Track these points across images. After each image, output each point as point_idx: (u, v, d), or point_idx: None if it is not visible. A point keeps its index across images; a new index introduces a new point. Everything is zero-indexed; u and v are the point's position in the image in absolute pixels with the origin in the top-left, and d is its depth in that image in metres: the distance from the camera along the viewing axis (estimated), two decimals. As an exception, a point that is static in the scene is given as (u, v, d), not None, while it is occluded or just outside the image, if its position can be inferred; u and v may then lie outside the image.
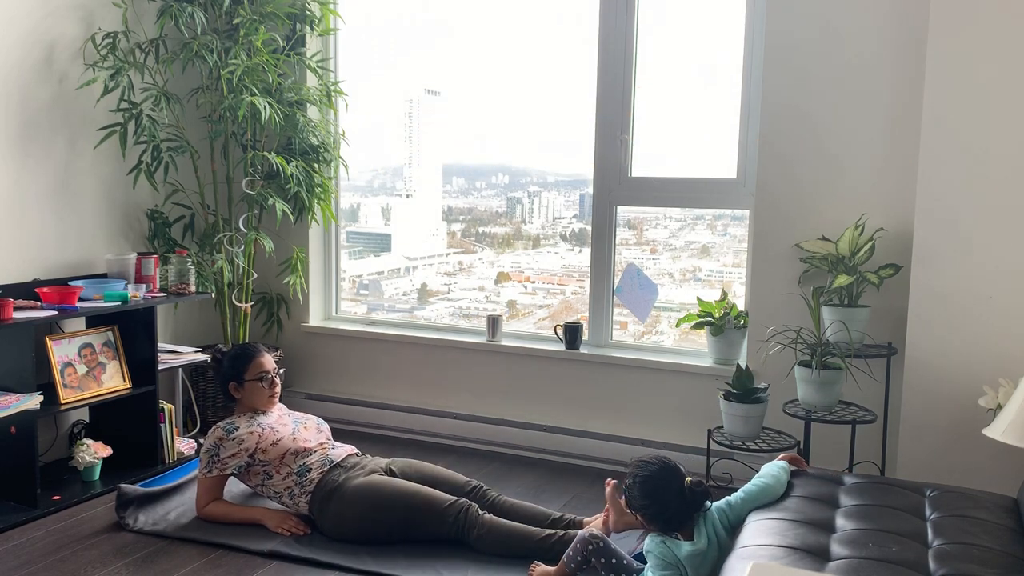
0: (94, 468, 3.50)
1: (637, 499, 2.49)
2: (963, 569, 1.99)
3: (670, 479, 2.47)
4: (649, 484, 2.47)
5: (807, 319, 3.27)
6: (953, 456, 2.97)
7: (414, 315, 4.61)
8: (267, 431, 3.17)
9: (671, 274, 4.09)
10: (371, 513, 2.98)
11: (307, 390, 4.51)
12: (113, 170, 3.93)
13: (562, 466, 3.89)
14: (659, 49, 3.86)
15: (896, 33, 3.22)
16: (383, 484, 3.02)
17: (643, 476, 2.48)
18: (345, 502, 3.00)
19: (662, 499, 2.45)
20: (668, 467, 2.50)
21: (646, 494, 2.47)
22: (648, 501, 2.47)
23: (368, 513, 2.98)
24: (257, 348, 3.37)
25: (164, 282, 3.82)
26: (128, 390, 3.62)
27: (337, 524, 3.01)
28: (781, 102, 3.38)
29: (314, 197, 4.13)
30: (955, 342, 2.97)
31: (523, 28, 4.16)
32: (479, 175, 4.61)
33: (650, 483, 2.47)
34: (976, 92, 2.89)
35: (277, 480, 3.13)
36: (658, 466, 2.50)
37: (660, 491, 2.45)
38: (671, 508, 2.45)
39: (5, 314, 3.13)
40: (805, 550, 2.09)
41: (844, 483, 2.57)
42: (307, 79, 4.23)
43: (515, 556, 2.87)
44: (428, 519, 2.95)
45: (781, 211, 3.42)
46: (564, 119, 4.14)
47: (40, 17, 3.57)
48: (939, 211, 2.97)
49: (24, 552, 2.93)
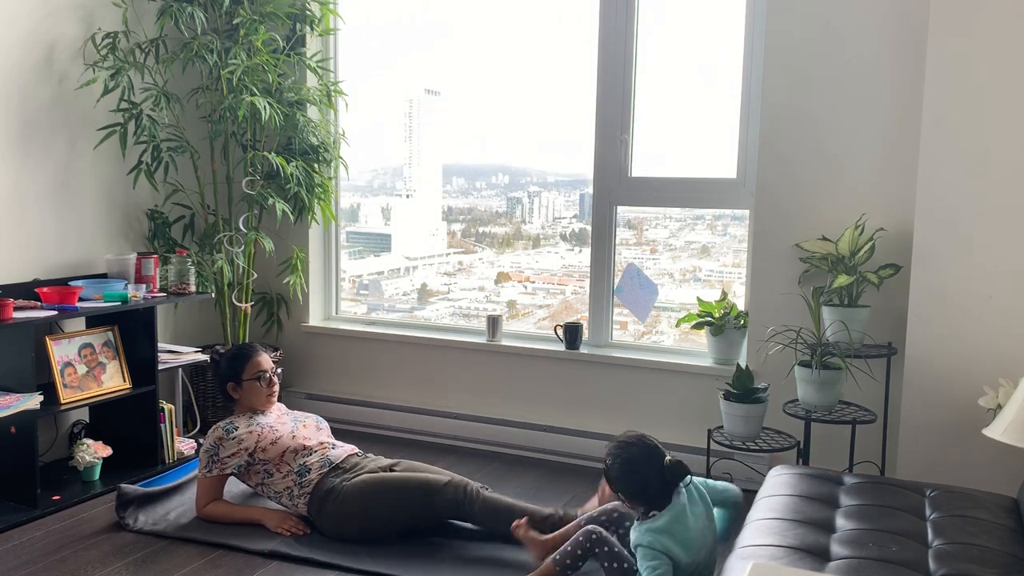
0: (94, 468, 3.50)
1: (618, 478, 2.51)
2: (963, 569, 1.99)
3: (650, 456, 2.50)
4: (629, 462, 2.50)
5: (807, 319, 3.27)
6: (953, 456, 2.97)
7: (414, 315, 4.61)
8: (266, 430, 3.17)
9: (671, 274, 4.09)
10: (370, 507, 2.99)
11: (307, 390, 4.51)
12: (113, 170, 3.93)
13: (562, 466, 3.89)
14: (659, 49, 3.86)
15: (896, 33, 3.22)
16: (378, 479, 3.05)
17: (623, 455, 2.51)
18: (343, 501, 3.01)
19: (642, 476, 2.48)
20: (647, 445, 2.53)
21: (626, 472, 2.49)
22: (629, 479, 2.49)
23: (367, 507, 2.99)
24: (254, 348, 3.37)
25: (164, 282, 3.82)
26: (128, 390, 3.62)
27: (336, 524, 3.01)
28: (781, 102, 3.38)
29: (314, 197, 4.14)
30: (955, 342, 2.97)
31: (523, 28, 4.16)
32: (479, 175, 4.61)
33: (630, 461, 2.50)
34: (976, 92, 2.89)
35: (277, 479, 3.13)
36: (637, 445, 2.53)
37: (640, 468, 2.48)
38: (651, 486, 2.48)
39: (5, 314, 3.13)
40: (805, 550, 2.09)
41: (844, 483, 2.57)
42: (307, 79, 4.23)
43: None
44: (427, 499, 2.97)
45: (781, 211, 3.42)
46: (564, 119, 4.14)
47: (40, 17, 3.57)
48: (939, 211, 2.97)
49: (24, 552, 2.93)
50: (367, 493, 3.00)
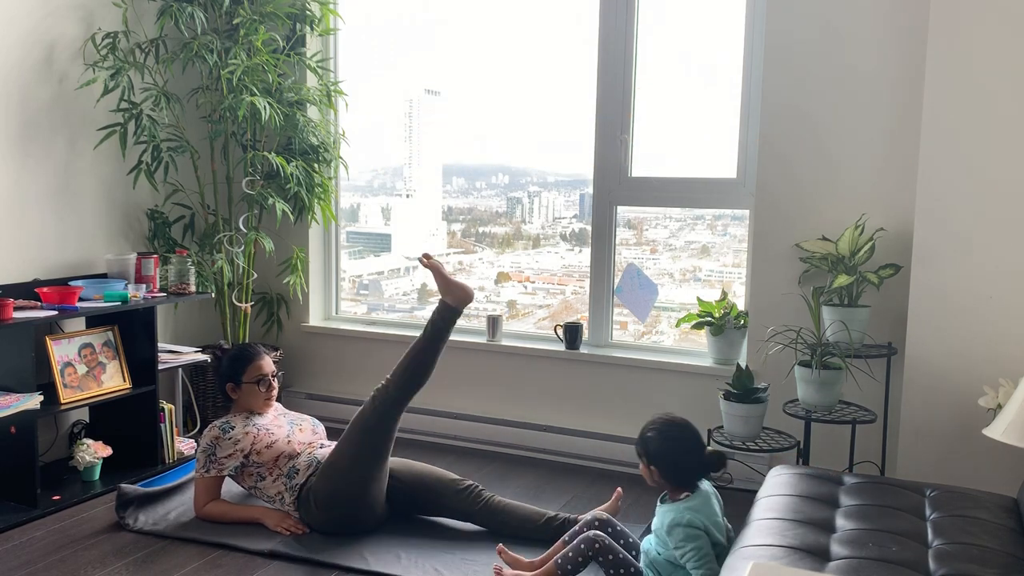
0: (94, 468, 3.50)
1: (656, 452, 2.53)
2: (963, 569, 1.99)
3: (690, 436, 2.54)
4: (671, 439, 2.53)
5: (807, 319, 3.27)
6: (953, 456, 2.97)
7: (414, 315, 4.61)
8: (263, 432, 3.16)
9: (671, 274, 4.09)
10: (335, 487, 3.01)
11: (307, 390, 4.51)
12: (113, 170, 3.93)
13: (562, 466, 3.89)
14: (659, 49, 3.86)
15: (896, 33, 3.22)
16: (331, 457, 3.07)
17: (666, 431, 2.55)
18: (315, 493, 3.03)
19: (679, 452, 2.51)
20: (690, 426, 2.58)
21: (665, 444, 2.52)
22: (665, 451, 2.51)
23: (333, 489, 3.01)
24: (257, 350, 3.35)
25: (164, 282, 3.82)
26: (128, 390, 3.62)
27: (321, 520, 3.03)
28: (781, 102, 3.38)
29: (314, 197, 4.14)
30: (955, 342, 2.97)
31: (523, 28, 4.16)
32: (479, 175, 4.61)
33: (672, 439, 2.53)
34: (976, 92, 2.89)
35: (268, 483, 3.14)
36: (680, 425, 2.57)
37: (679, 444, 2.52)
38: (686, 464, 2.51)
39: (5, 314, 3.13)
40: (805, 550, 2.09)
41: (844, 483, 2.57)
42: (307, 79, 4.23)
43: (515, 536, 2.91)
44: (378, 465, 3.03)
45: (781, 211, 3.42)
46: (564, 119, 4.14)
47: (40, 17, 3.57)
48: (939, 211, 2.97)
49: (24, 552, 2.93)
50: (328, 475, 3.03)
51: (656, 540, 2.52)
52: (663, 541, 2.47)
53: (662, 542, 2.48)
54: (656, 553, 2.51)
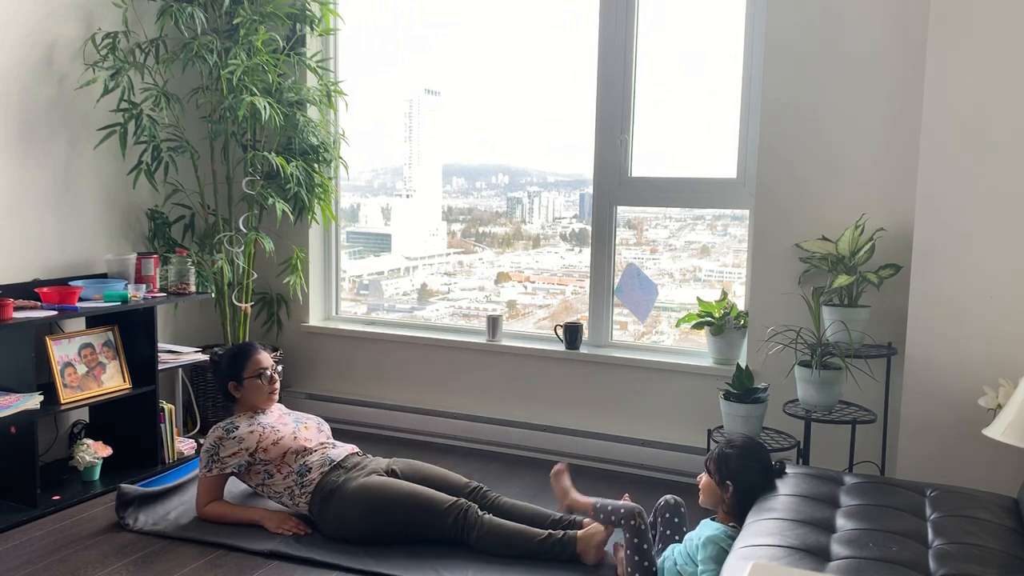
0: (94, 468, 3.50)
1: (736, 467, 2.54)
2: (963, 569, 1.99)
3: (767, 458, 2.59)
4: (754, 455, 2.56)
5: (807, 319, 3.27)
6: (953, 456, 2.97)
7: (414, 315, 4.61)
8: (267, 430, 3.17)
9: (671, 274, 4.09)
10: (370, 514, 2.97)
11: (307, 390, 4.51)
12: (113, 170, 3.93)
13: (562, 466, 3.89)
14: (659, 49, 3.86)
15: (896, 33, 3.22)
16: (382, 485, 3.02)
17: (747, 446, 2.59)
18: (345, 503, 3.00)
19: (757, 474, 2.54)
20: (760, 444, 2.64)
21: (747, 463, 2.54)
22: (746, 470, 2.53)
23: (368, 514, 2.98)
24: (254, 346, 3.37)
25: (164, 282, 3.82)
26: (128, 390, 3.62)
27: (337, 525, 3.01)
28: (781, 102, 3.38)
29: (314, 197, 4.14)
30: (955, 342, 2.96)
31: (523, 28, 4.16)
32: (479, 175, 4.61)
33: (755, 455, 2.56)
34: (976, 91, 2.89)
35: (277, 480, 3.13)
36: (760, 444, 2.65)
37: (762, 465, 2.55)
38: (761, 485, 2.52)
39: (5, 314, 3.13)
40: (805, 550, 2.09)
41: (844, 483, 2.57)
42: (307, 79, 4.23)
43: (515, 556, 2.88)
44: (428, 520, 2.95)
45: (781, 211, 3.42)
46: (564, 119, 4.14)
47: (40, 17, 3.57)
48: (939, 211, 2.97)
49: (24, 552, 2.93)
50: (370, 499, 2.99)
51: (682, 548, 2.51)
52: (691, 550, 2.47)
53: (690, 550, 2.48)
54: (673, 562, 2.51)
